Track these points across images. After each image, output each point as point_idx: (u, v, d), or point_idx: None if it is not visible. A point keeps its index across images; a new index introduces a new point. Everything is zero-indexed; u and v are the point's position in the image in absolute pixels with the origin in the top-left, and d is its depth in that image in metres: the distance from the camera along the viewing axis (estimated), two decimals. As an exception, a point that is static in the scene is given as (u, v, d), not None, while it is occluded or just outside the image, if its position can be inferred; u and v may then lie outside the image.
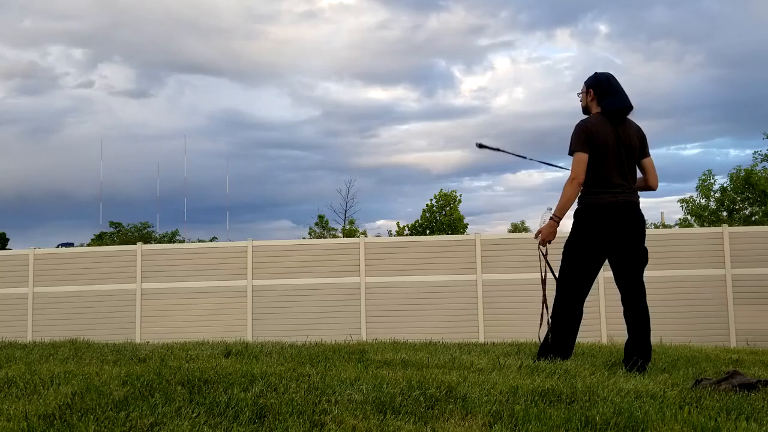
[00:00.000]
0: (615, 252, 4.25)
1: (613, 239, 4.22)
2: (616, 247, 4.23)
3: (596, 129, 4.24)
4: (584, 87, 4.49)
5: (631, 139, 4.35)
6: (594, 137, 4.22)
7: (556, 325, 4.29)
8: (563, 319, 4.27)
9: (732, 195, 27.07)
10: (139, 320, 12.92)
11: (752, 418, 2.81)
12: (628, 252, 4.24)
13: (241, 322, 12.73)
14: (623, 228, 4.23)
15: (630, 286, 4.25)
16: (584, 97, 4.48)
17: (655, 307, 14.10)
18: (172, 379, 3.29)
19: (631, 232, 4.24)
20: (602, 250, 4.26)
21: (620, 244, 4.22)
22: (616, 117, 4.33)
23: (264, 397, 2.94)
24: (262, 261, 12.91)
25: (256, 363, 3.97)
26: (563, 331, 4.27)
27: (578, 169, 4.21)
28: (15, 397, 3.07)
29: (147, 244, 13.50)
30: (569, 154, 4.29)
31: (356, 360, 4.31)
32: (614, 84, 4.37)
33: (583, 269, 4.28)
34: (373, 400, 2.92)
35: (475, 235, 12.78)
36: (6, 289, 13.22)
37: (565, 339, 4.28)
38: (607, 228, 4.21)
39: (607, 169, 4.24)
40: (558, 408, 2.90)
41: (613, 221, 4.21)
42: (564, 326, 4.27)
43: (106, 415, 2.68)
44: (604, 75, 4.43)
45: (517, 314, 12.28)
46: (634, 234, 4.25)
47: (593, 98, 4.39)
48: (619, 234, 4.22)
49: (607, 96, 4.34)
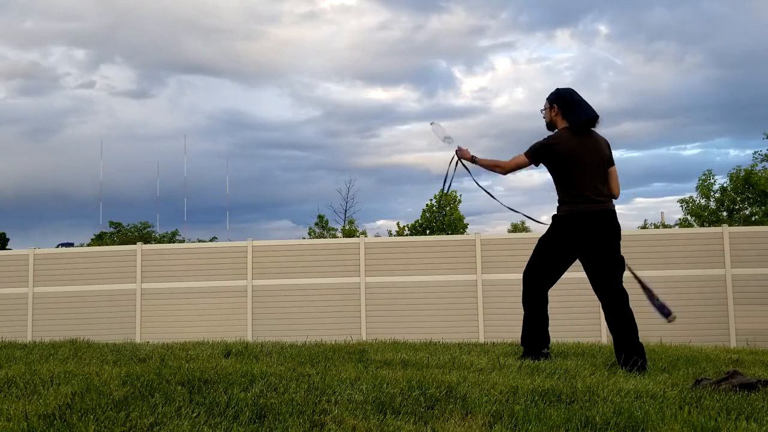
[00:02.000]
0: (592, 260, 4.32)
1: (590, 247, 4.31)
2: (593, 255, 4.31)
3: (562, 144, 4.35)
4: (547, 103, 4.57)
5: (602, 148, 4.46)
6: (561, 154, 4.35)
7: (528, 318, 4.53)
8: (533, 313, 4.51)
9: (732, 195, 27.06)
10: (139, 320, 12.92)
11: (752, 418, 2.81)
12: (606, 260, 4.31)
13: (241, 322, 12.73)
14: (600, 236, 4.31)
15: (611, 293, 4.33)
16: (548, 113, 4.57)
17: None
18: (172, 379, 3.29)
19: (607, 240, 4.31)
20: (575, 255, 4.41)
21: (597, 253, 4.30)
22: (584, 129, 4.43)
23: (264, 397, 2.94)
24: (262, 261, 12.91)
25: (256, 363, 3.97)
26: (535, 323, 4.51)
27: (511, 164, 4.55)
28: (15, 397, 3.07)
29: (147, 244, 13.50)
30: (523, 151, 4.49)
31: (356, 360, 4.31)
32: (576, 97, 4.46)
33: (552, 269, 4.49)
34: (373, 400, 2.92)
35: (475, 235, 12.78)
36: (6, 289, 13.22)
37: (538, 329, 4.50)
38: (585, 236, 4.31)
39: (582, 181, 4.33)
40: (558, 408, 2.90)
41: (590, 230, 4.30)
42: (535, 318, 4.51)
43: (106, 415, 2.68)
44: (565, 90, 4.52)
45: (517, 314, 12.24)
46: (611, 242, 4.32)
47: (557, 113, 4.48)
48: (596, 242, 4.30)
49: (572, 110, 4.43)
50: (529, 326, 4.53)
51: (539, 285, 4.51)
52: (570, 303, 12.21)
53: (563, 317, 12.16)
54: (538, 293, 4.51)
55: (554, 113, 4.50)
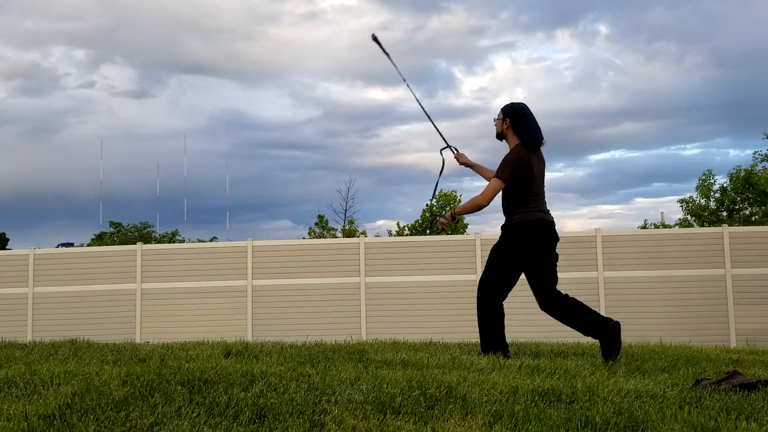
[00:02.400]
0: (540, 265, 4.54)
1: (543, 253, 4.54)
2: (543, 261, 4.54)
3: (528, 159, 4.59)
4: (501, 114, 4.73)
5: (545, 166, 4.80)
6: (527, 167, 4.56)
7: (485, 326, 4.62)
8: (490, 323, 4.61)
9: (732, 195, 27.06)
10: (139, 320, 12.92)
11: (752, 418, 2.81)
12: (552, 266, 4.58)
13: (241, 322, 12.73)
14: (551, 244, 4.59)
15: (556, 293, 4.54)
16: (500, 124, 4.73)
17: (655, 307, 14.07)
18: (172, 379, 3.29)
19: (554, 248, 4.61)
20: (528, 262, 4.56)
21: (548, 259, 4.55)
22: (534, 147, 4.67)
23: (264, 397, 2.94)
24: (262, 261, 12.91)
25: (256, 363, 3.97)
26: (493, 333, 4.60)
27: (490, 196, 4.60)
28: (15, 397, 3.07)
29: (147, 244, 13.50)
30: (497, 176, 4.57)
31: (356, 360, 4.31)
32: (529, 115, 4.68)
33: (511, 278, 4.62)
34: (373, 400, 2.92)
35: (475, 235, 12.78)
36: (6, 289, 13.22)
37: (497, 337, 4.60)
38: (540, 242, 4.53)
39: (536, 191, 4.61)
40: (558, 408, 2.90)
41: (544, 237, 4.55)
42: (492, 328, 4.60)
43: (106, 415, 2.68)
44: (520, 106, 4.71)
45: (516, 314, 12.26)
46: (555, 250, 4.61)
47: (509, 127, 4.67)
48: (548, 249, 4.56)
49: (524, 128, 4.65)
50: (488, 336, 4.61)
51: (498, 295, 4.61)
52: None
53: (563, 317, 12.17)
54: (498, 303, 4.61)
55: (506, 126, 4.68)
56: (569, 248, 12.41)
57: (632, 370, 4.11)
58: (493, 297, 4.60)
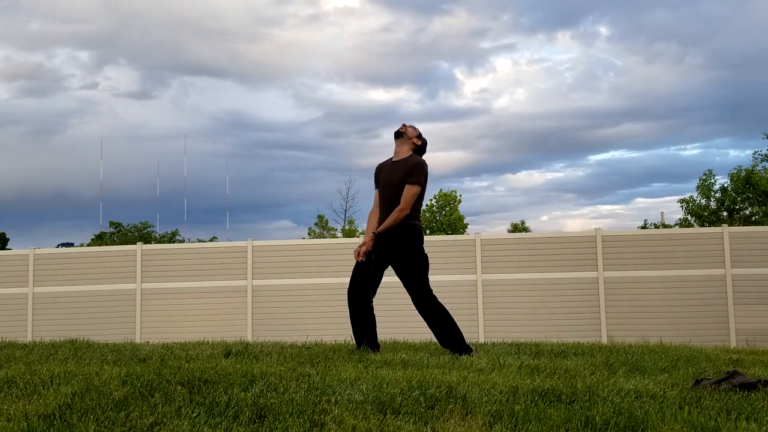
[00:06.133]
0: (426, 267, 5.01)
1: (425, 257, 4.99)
2: (426, 263, 5.02)
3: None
4: (417, 132, 5.06)
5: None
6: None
7: (453, 326, 5.01)
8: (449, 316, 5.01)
9: (732, 195, 27.06)
10: (139, 320, 12.92)
11: (752, 418, 2.81)
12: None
13: (241, 322, 12.73)
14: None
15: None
16: (413, 132, 5.03)
17: (655, 307, 14.06)
18: (172, 379, 3.29)
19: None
20: (417, 263, 4.97)
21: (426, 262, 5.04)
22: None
23: (264, 397, 2.94)
24: (262, 261, 12.91)
25: (256, 363, 3.97)
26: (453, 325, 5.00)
27: (411, 202, 4.81)
28: (15, 397, 3.07)
29: (147, 244, 13.49)
30: (415, 183, 4.79)
31: (356, 360, 4.31)
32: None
33: (426, 273, 5.01)
34: (373, 400, 2.92)
35: (475, 235, 12.78)
36: (6, 289, 13.22)
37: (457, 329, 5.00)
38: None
39: (421, 203, 4.95)
40: (558, 408, 2.90)
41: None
42: (452, 322, 5.00)
43: (106, 415, 2.68)
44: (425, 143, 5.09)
45: (517, 314, 12.28)
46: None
47: (413, 146, 5.00)
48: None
49: (420, 151, 5.06)
50: (455, 330, 5.00)
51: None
52: (570, 303, 12.21)
53: (563, 317, 12.17)
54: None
55: (411, 144, 4.98)
56: (569, 248, 12.41)
57: (632, 370, 4.11)
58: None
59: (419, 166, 4.83)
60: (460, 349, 4.88)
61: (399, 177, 4.81)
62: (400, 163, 4.90)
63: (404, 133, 4.97)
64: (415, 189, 4.77)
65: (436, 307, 4.92)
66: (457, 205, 34.17)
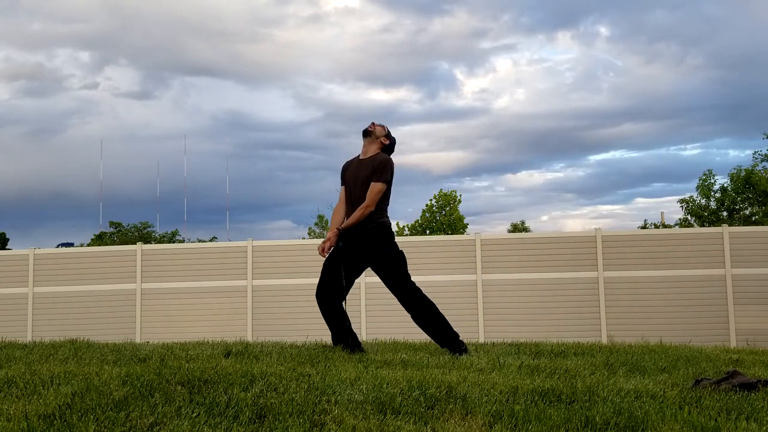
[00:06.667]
0: (403, 265, 5.01)
1: (400, 254, 4.97)
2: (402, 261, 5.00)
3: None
4: (386, 131, 5.05)
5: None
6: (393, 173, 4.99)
7: (442, 319, 4.92)
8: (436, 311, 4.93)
9: (732, 195, 27.05)
10: (139, 320, 12.92)
11: (752, 418, 2.81)
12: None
13: (241, 322, 12.73)
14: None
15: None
16: (381, 131, 5.02)
17: (655, 307, 14.04)
18: (172, 379, 3.29)
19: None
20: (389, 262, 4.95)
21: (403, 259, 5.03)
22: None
23: (264, 397, 2.94)
24: (262, 261, 12.91)
25: (256, 363, 3.97)
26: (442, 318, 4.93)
27: (375, 199, 4.81)
28: (15, 397, 3.07)
29: (147, 244, 13.49)
30: (380, 180, 4.81)
31: (356, 360, 4.31)
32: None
33: (406, 269, 5.00)
34: (373, 400, 2.92)
35: (475, 235, 12.78)
36: (6, 289, 13.22)
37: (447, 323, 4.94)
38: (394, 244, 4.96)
39: (387, 201, 4.95)
40: (558, 408, 2.90)
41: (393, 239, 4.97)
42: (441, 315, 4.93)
43: (106, 415, 2.68)
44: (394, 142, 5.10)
45: (517, 314, 12.28)
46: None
47: (381, 145, 5.00)
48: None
49: (388, 150, 5.07)
50: (445, 323, 4.93)
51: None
52: (570, 303, 12.21)
53: (563, 317, 12.17)
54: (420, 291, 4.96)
55: (380, 143, 4.99)
56: (569, 248, 12.41)
57: (632, 370, 4.11)
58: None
59: (384, 163, 4.87)
60: (453, 346, 4.86)
61: (365, 175, 4.86)
62: (367, 161, 4.94)
63: (372, 132, 5.00)
64: (380, 186, 4.82)
65: (422, 301, 4.90)
66: (457, 205, 34.15)
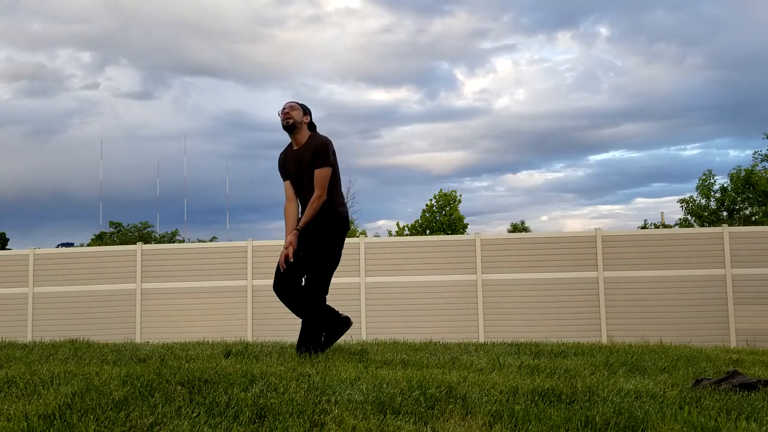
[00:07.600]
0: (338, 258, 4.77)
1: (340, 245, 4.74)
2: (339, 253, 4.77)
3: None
4: (300, 108, 4.75)
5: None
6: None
7: (322, 319, 4.63)
8: (322, 313, 4.63)
9: (732, 195, 27.07)
10: (139, 320, 12.92)
11: (752, 418, 2.81)
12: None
13: (241, 322, 12.73)
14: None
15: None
16: (299, 114, 4.72)
17: (655, 306, 14.04)
18: (172, 379, 3.29)
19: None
20: (337, 252, 4.75)
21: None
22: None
23: (264, 397, 2.94)
24: (262, 261, 12.91)
25: (256, 363, 3.97)
26: (324, 320, 4.64)
27: (325, 186, 4.56)
28: (15, 397, 3.07)
29: (147, 244, 13.49)
30: (324, 165, 4.55)
31: (356, 360, 4.31)
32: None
33: (334, 270, 4.72)
34: (373, 400, 2.92)
35: (475, 235, 12.78)
36: (6, 289, 13.22)
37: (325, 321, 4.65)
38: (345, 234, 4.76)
39: (339, 183, 4.72)
40: (558, 408, 2.90)
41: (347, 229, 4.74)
42: (324, 317, 4.64)
43: (106, 415, 2.68)
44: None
45: (517, 314, 12.28)
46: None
47: (306, 126, 4.74)
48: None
49: (313, 126, 4.82)
50: (321, 329, 4.63)
51: (326, 292, 4.68)
52: (570, 303, 12.21)
53: (563, 317, 12.17)
54: (325, 300, 4.69)
55: (306, 120, 4.74)
56: (569, 248, 12.41)
57: (632, 370, 4.11)
58: (325, 293, 4.70)
59: (325, 146, 4.58)
60: (314, 347, 4.55)
61: (307, 163, 4.57)
62: (304, 148, 4.64)
63: (294, 123, 4.67)
64: (326, 171, 4.53)
65: (319, 311, 4.61)
66: (457, 205, 34.17)
